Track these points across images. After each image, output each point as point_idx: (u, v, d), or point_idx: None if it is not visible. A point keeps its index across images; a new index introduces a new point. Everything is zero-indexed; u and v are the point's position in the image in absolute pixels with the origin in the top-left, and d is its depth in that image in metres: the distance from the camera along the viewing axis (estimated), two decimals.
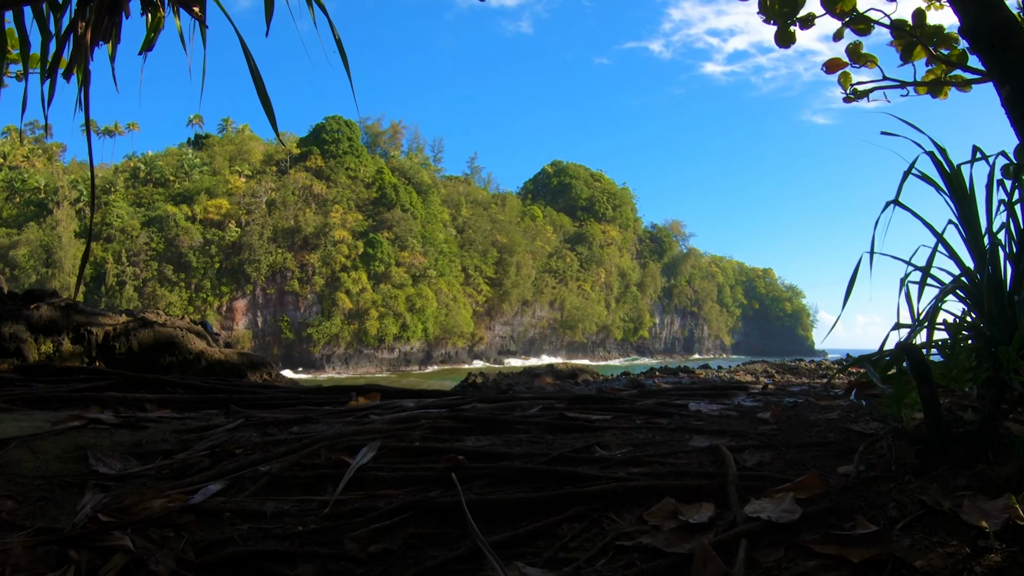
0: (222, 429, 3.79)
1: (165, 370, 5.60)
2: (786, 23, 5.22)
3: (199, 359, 5.77)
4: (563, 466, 3.05)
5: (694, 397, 5.13)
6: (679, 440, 3.56)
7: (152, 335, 5.77)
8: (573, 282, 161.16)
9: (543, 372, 7.60)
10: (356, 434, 3.48)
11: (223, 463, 3.13)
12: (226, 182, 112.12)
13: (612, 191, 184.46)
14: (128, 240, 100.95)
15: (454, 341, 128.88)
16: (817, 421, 4.01)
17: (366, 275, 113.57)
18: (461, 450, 3.23)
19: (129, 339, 5.61)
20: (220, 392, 4.75)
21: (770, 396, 5.31)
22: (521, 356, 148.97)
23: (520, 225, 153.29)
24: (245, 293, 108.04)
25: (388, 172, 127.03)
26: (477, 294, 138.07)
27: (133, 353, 5.59)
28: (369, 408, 4.15)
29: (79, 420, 3.86)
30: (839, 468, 3.04)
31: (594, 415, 4.07)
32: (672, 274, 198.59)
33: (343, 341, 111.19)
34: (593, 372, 8.20)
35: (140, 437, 3.71)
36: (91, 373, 5.10)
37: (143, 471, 3.16)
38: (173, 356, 5.72)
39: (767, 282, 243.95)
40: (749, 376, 8.07)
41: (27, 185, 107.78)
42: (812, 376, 8.29)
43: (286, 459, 3.07)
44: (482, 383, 7.41)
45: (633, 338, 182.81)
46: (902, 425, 3.27)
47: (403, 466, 3.08)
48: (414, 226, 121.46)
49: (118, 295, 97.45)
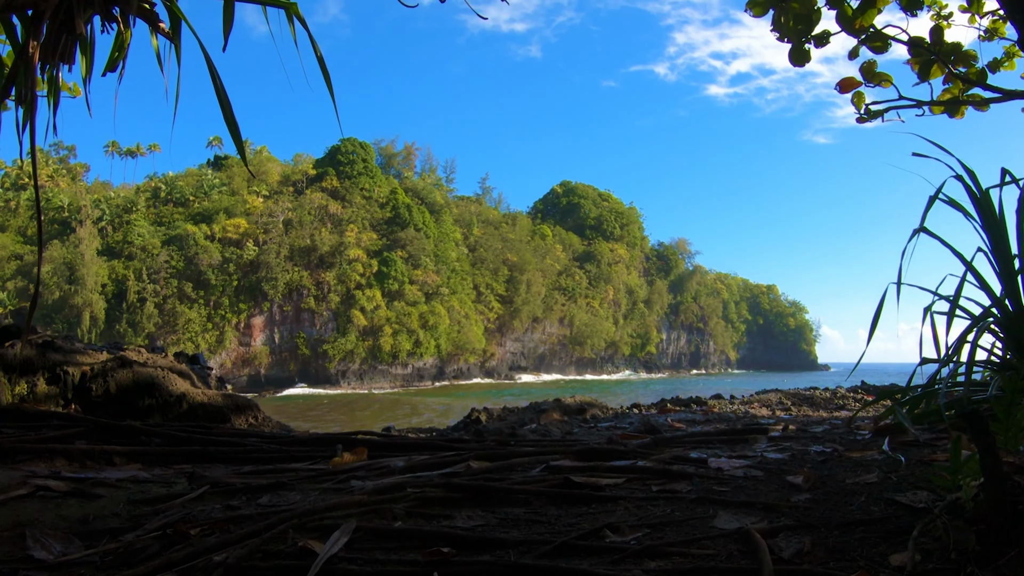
0: (181, 500, 3.26)
1: (144, 413, 5.09)
2: (801, 41, 4.92)
3: (180, 401, 5.23)
4: (567, 560, 2.50)
5: (712, 444, 4.59)
6: (702, 517, 2.97)
7: (131, 376, 5.24)
8: (582, 299, 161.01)
9: (550, 407, 7.05)
10: (331, 509, 2.94)
11: (174, 549, 2.61)
12: (244, 202, 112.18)
13: (620, 210, 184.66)
14: (149, 258, 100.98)
15: (466, 357, 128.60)
16: (856, 487, 3.41)
17: (380, 293, 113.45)
18: (449, 535, 2.67)
19: (107, 380, 5.10)
20: (195, 443, 4.24)
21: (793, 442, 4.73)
22: (532, 372, 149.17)
23: (530, 244, 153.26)
24: (263, 310, 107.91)
25: (402, 192, 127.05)
26: (488, 311, 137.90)
27: (111, 395, 5.07)
28: (352, 469, 3.62)
29: (26, 488, 3.35)
30: (891, 557, 2.47)
31: (604, 478, 3.52)
32: (678, 291, 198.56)
33: (358, 357, 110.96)
34: (602, 406, 7.62)
35: (89, 510, 3.19)
36: (63, 419, 4.60)
37: (84, 557, 2.64)
38: (153, 398, 5.19)
39: (771, 298, 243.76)
40: (764, 409, 7.47)
41: (51, 204, 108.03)
42: (829, 407, 7.75)
43: (247, 544, 2.54)
44: (484, 422, 6.89)
45: (641, 354, 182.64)
46: (959, 499, 2.71)
47: (380, 555, 2.54)
48: (427, 245, 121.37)
49: (139, 312, 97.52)
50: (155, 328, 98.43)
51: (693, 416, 6.60)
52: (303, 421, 49.32)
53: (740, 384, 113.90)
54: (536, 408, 7.18)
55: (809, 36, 5.03)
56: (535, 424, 6.56)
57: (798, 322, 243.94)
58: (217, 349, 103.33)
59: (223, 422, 5.24)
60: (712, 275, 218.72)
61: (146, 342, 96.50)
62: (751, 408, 7.59)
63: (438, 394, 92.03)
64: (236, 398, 5.46)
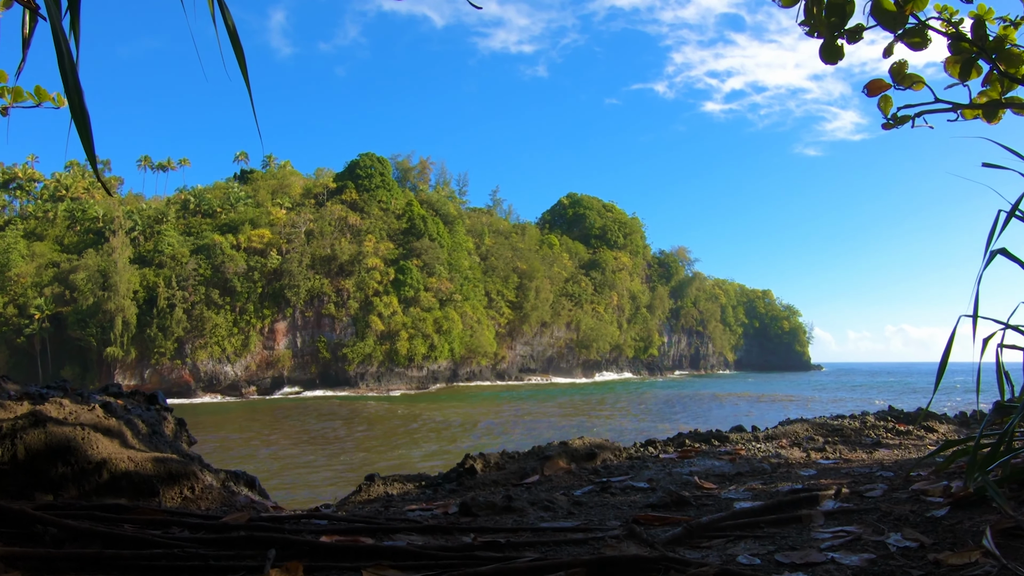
0: None
1: (57, 484, 3.89)
2: (833, 36, 3.81)
3: (101, 469, 4.02)
4: None
5: (758, 530, 3.42)
6: None
7: (43, 437, 4.03)
8: (588, 305, 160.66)
9: (555, 453, 5.82)
10: None
11: None
12: (268, 213, 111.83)
13: (623, 220, 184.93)
14: (178, 266, 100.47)
15: (478, 360, 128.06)
16: None
17: (397, 299, 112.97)
18: None
19: (14, 442, 3.90)
20: (97, 538, 3.05)
21: (859, 524, 3.49)
22: (540, 374, 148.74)
23: (539, 253, 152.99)
24: (285, 316, 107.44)
25: (417, 204, 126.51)
26: (499, 316, 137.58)
27: (19, 462, 3.87)
28: None
29: None
30: None
31: None
32: (679, 296, 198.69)
33: (375, 360, 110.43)
34: (614, 448, 6.38)
35: None
36: None
37: None
38: (68, 465, 3.98)
39: (766, 302, 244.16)
40: (796, 450, 6.26)
41: (87, 215, 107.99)
42: (863, 441, 6.65)
43: None
44: (480, 471, 5.72)
45: (644, 356, 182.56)
46: None
47: None
48: (441, 254, 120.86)
49: (168, 317, 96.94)
50: (184, 333, 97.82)
51: (721, 466, 5.47)
52: (296, 433, 48.82)
53: (739, 386, 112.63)
54: (539, 455, 5.98)
55: (842, 30, 3.91)
56: (538, 476, 5.50)
57: (792, 325, 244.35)
58: (242, 352, 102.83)
59: (151, 496, 4.03)
60: (710, 281, 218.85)
61: (175, 346, 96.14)
62: (780, 447, 6.49)
63: (450, 396, 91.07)
64: (170, 463, 4.23)
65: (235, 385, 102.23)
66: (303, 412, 67.82)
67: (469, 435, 28.96)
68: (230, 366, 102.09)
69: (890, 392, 74.83)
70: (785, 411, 38.23)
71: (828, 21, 4.06)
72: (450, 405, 67.00)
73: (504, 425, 24.17)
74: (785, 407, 40.22)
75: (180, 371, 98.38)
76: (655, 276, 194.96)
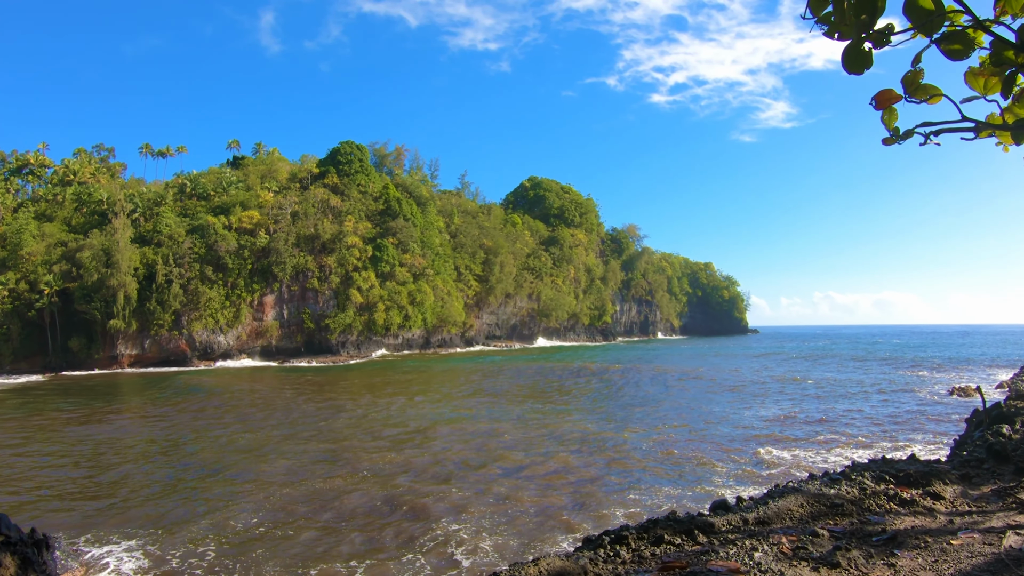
0: None
1: None
2: (860, 37, 3.13)
3: None
4: None
5: None
6: None
7: None
8: (548, 278, 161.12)
9: None
10: None
11: None
12: (257, 196, 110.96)
13: (579, 201, 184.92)
14: (175, 245, 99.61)
15: (449, 328, 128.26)
16: None
17: (374, 274, 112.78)
18: None
19: None
20: None
21: None
22: (505, 340, 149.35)
23: (503, 231, 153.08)
24: (273, 290, 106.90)
25: (392, 188, 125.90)
26: (468, 289, 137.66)
27: None
28: None
29: None
30: None
31: None
32: (629, 269, 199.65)
33: (355, 329, 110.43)
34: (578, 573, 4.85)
35: None
36: None
37: None
38: None
39: (708, 274, 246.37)
40: (805, 568, 4.47)
41: (92, 198, 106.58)
42: (868, 526, 5.32)
43: None
44: None
45: (598, 323, 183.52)
46: None
47: None
48: (414, 233, 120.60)
49: (166, 291, 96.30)
50: (180, 306, 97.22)
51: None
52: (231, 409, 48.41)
53: (685, 350, 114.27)
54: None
55: (870, 32, 3.16)
56: None
57: (731, 293, 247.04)
58: (234, 324, 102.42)
59: None
60: (658, 255, 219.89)
61: (173, 318, 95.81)
62: (781, 547, 4.90)
63: (424, 361, 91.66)
64: None
65: (228, 353, 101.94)
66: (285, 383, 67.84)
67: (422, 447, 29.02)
68: (223, 336, 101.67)
69: (828, 363, 76.00)
70: (743, 402, 38.61)
71: (856, 20, 3.20)
72: (416, 384, 65.91)
73: (452, 451, 24.19)
74: (740, 395, 40.51)
75: (177, 341, 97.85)
76: (608, 251, 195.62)
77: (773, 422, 31.19)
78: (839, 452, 23.89)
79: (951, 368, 64.43)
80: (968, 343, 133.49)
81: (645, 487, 19.94)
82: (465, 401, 43.04)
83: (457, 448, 26.28)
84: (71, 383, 70.80)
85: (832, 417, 32.39)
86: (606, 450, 25.34)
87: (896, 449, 23.51)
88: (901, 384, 49.01)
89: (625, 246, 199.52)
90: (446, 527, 16.16)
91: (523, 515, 17.15)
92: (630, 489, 19.75)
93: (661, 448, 25.42)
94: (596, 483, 20.54)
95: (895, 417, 32.08)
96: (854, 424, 30.45)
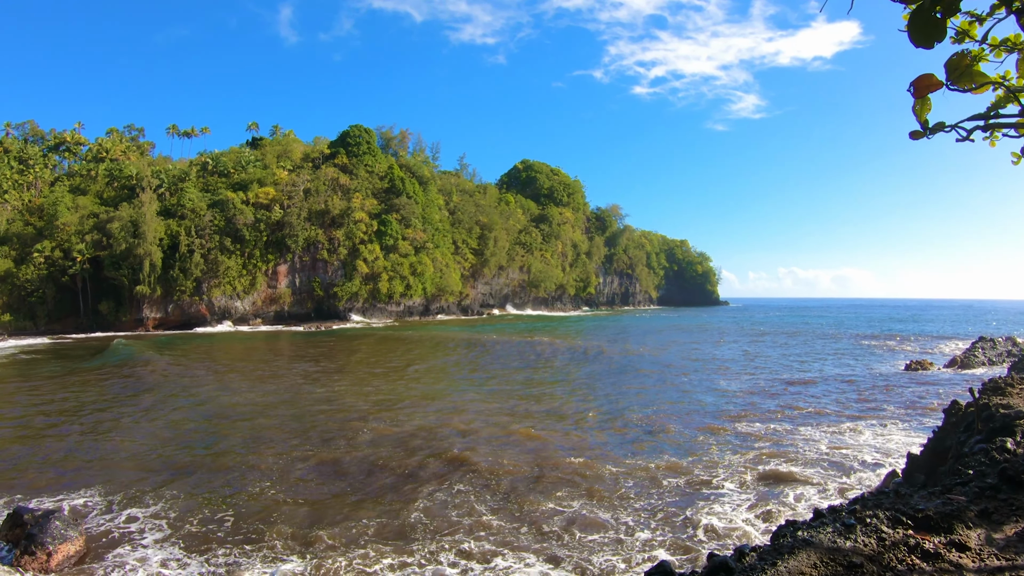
0: None
1: None
2: (933, 2, 2.40)
3: None
4: None
5: None
6: None
7: None
8: (537, 252, 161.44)
9: None
10: None
11: None
12: (273, 174, 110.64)
13: (567, 182, 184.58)
14: (197, 218, 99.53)
15: (446, 297, 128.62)
16: None
17: (379, 247, 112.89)
18: None
19: None
20: None
21: None
22: (498, 308, 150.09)
23: (497, 209, 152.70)
24: (286, 260, 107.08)
25: (397, 168, 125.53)
26: (464, 261, 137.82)
27: None
28: None
29: None
30: None
31: None
32: (612, 245, 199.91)
33: (361, 297, 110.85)
34: None
35: None
36: None
37: None
38: None
39: (684, 250, 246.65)
40: None
41: (123, 174, 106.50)
42: None
43: None
44: None
45: (583, 294, 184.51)
46: None
47: None
48: (416, 209, 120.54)
49: (188, 261, 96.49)
50: (201, 274, 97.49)
51: None
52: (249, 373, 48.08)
53: (663, 320, 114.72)
54: None
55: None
56: None
57: (704, 268, 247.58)
58: (250, 290, 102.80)
59: None
60: (638, 232, 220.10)
61: (194, 285, 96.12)
62: None
63: (424, 328, 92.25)
64: None
65: (244, 317, 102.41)
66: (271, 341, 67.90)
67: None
68: (240, 301, 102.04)
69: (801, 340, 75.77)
70: (725, 377, 37.28)
71: None
72: (416, 350, 65.42)
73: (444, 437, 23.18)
74: (724, 372, 38.92)
75: (198, 306, 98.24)
76: (593, 228, 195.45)
77: (738, 395, 29.60)
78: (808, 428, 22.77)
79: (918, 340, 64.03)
80: (924, 316, 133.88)
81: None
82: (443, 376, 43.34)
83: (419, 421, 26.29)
84: (95, 343, 70.86)
85: (796, 392, 30.50)
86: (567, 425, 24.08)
87: (868, 425, 23.58)
88: (867, 355, 48.95)
89: (608, 224, 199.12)
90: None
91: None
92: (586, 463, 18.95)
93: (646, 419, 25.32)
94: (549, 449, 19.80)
95: (857, 385, 32.00)
96: (823, 398, 28.57)
